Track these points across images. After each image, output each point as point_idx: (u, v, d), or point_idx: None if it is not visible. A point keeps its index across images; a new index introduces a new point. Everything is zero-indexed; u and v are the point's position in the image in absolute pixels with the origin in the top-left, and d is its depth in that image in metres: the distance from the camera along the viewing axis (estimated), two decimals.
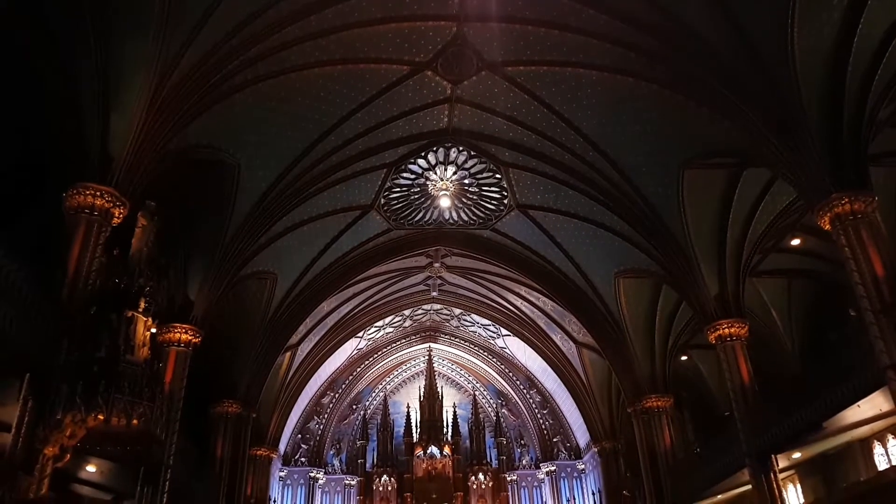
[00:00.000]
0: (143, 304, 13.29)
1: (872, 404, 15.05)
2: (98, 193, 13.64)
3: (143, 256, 14.02)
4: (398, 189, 23.47)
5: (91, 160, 13.80)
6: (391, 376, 35.40)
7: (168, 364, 17.96)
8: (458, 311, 32.41)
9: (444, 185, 23.39)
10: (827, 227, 14.83)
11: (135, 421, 12.33)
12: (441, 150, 21.99)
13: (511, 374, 34.37)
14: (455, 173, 23.01)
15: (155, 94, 14.27)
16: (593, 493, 29.84)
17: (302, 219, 21.79)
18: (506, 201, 23.92)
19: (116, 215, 14.18)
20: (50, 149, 14.82)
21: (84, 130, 13.84)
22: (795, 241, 21.59)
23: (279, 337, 24.60)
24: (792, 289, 23.58)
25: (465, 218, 25.18)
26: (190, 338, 18.88)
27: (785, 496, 18.50)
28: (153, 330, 14.02)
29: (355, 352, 33.12)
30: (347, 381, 33.98)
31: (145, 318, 13.31)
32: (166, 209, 15.29)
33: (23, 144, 14.80)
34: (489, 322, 31.86)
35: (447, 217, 25.19)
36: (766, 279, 23.32)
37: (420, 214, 24.95)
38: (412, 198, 24.05)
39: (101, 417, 11.96)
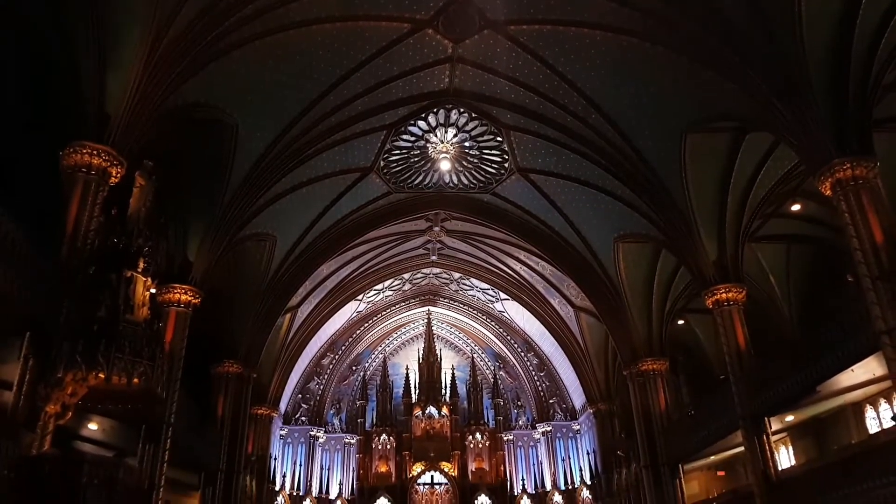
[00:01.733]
0: (142, 264, 13.31)
1: (866, 369, 15.24)
2: (95, 152, 13.55)
3: (141, 216, 14.00)
4: (398, 151, 23.30)
5: (88, 119, 13.67)
6: (390, 339, 35.68)
7: (168, 324, 18.08)
8: (457, 275, 32.50)
9: (444, 148, 23.21)
10: (828, 192, 14.80)
11: (135, 380, 12.45)
12: (441, 111, 21.77)
13: (509, 337, 34.64)
14: (455, 136, 22.82)
15: (151, 50, 14.06)
16: (588, 453, 30.37)
17: (301, 180, 21.68)
18: (506, 165, 23.77)
19: (114, 174, 14.10)
20: (48, 108, 14.65)
21: (81, 89, 13.68)
22: (796, 207, 21.54)
23: (279, 299, 24.70)
24: (790, 254, 23.60)
25: (466, 181, 25.06)
26: (190, 298, 18.96)
27: (777, 458, 18.80)
28: (153, 290, 14.07)
29: (355, 314, 33.31)
30: (347, 343, 34.26)
31: (144, 278, 13.34)
32: (164, 170, 15.21)
33: (20, 104, 14.62)
34: (488, 286, 31.97)
35: (447, 180, 25.07)
36: (765, 244, 23.32)
37: (420, 178, 24.81)
38: (412, 160, 23.89)
39: (101, 376, 12.08)
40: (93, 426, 15.97)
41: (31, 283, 11.43)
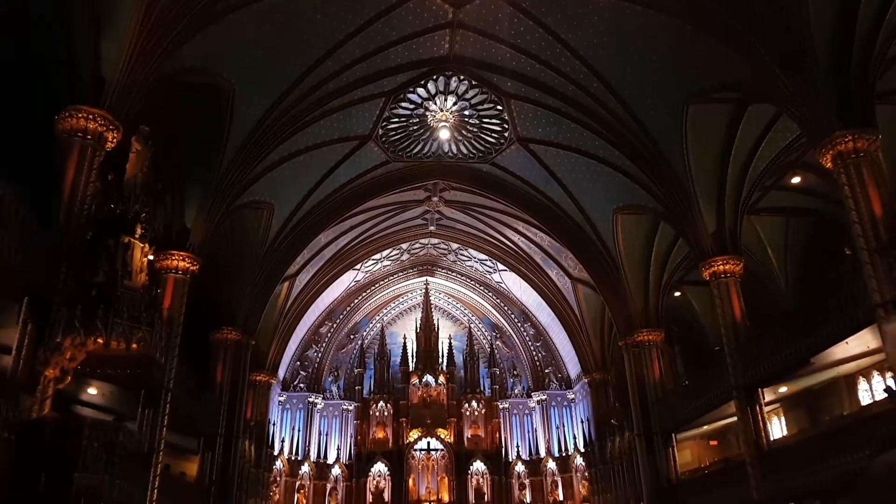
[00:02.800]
0: (139, 230, 13.30)
1: (860, 341, 15.35)
2: (90, 116, 13.44)
3: (138, 182, 13.93)
4: (397, 119, 23.09)
5: (83, 82, 13.52)
6: (388, 308, 35.81)
7: (166, 291, 18.12)
8: (455, 246, 32.49)
9: (443, 117, 23.00)
10: (829, 165, 14.76)
11: (134, 345, 12.52)
12: (441, 78, 21.51)
13: (506, 307, 34.79)
14: (455, 104, 22.59)
15: (147, 13, 13.83)
16: (582, 422, 30.74)
17: (299, 148, 21.51)
18: (506, 134, 23.60)
19: (110, 139, 13.99)
20: (43, 73, 14.45)
21: (75, 52, 13.49)
22: (796, 180, 21.47)
23: (277, 267, 24.72)
24: (789, 227, 23.60)
25: (465, 151, 24.90)
26: (188, 265, 18.96)
27: (769, 428, 19.05)
28: (150, 257, 14.09)
29: (353, 284, 33.36)
30: (345, 312, 34.39)
31: (142, 245, 13.34)
32: (161, 136, 15.10)
33: (16, 69, 14.41)
34: (486, 257, 31.99)
35: (446, 150, 24.90)
36: (764, 217, 23.30)
37: (419, 147, 24.64)
38: (411, 129, 23.70)
39: (100, 341, 12.14)
40: (92, 391, 16.08)
41: (29, 248, 11.43)
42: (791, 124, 17.35)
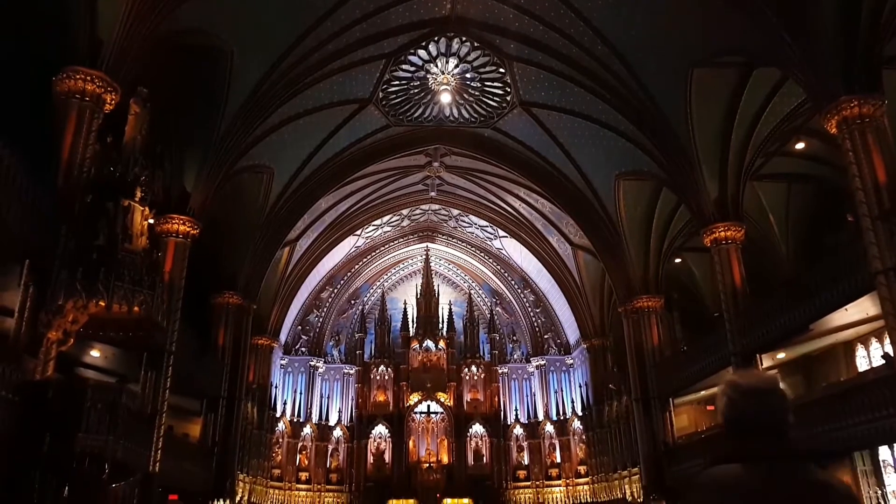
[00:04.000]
0: (139, 194, 13.25)
1: (860, 308, 15.41)
2: (88, 78, 13.31)
3: (137, 145, 13.83)
4: (397, 82, 22.81)
5: (80, 43, 13.33)
6: (389, 274, 35.85)
7: (167, 254, 18.13)
8: (456, 212, 32.38)
9: (444, 80, 22.71)
10: (833, 130, 14.64)
11: (136, 308, 12.58)
12: (443, 40, 21.18)
13: (506, 274, 34.83)
14: (457, 66, 22.28)
15: None
16: (580, 386, 31.04)
17: (298, 111, 21.30)
18: (508, 98, 23.32)
19: (108, 101, 13.88)
20: (40, 34, 14.23)
21: (72, 12, 13.26)
22: (800, 145, 21.29)
23: (277, 232, 24.70)
24: (791, 194, 23.48)
25: (466, 115, 24.65)
26: (188, 229, 18.95)
27: None
28: (150, 220, 14.07)
29: (353, 249, 33.36)
30: (346, 278, 34.45)
31: (142, 208, 13.31)
32: (160, 98, 14.93)
33: (13, 31, 14.19)
34: (487, 223, 31.91)
35: (447, 114, 24.65)
36: (767, 183, 23.16)
37: (419, 110, 24.39)
38: (412, 92, 23.43)
39: (102, 304, 12.19)
40: (95, 353, 16.23)
41: (29, 211, 11.41)
42: (796, 89, 17.14)
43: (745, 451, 2.22)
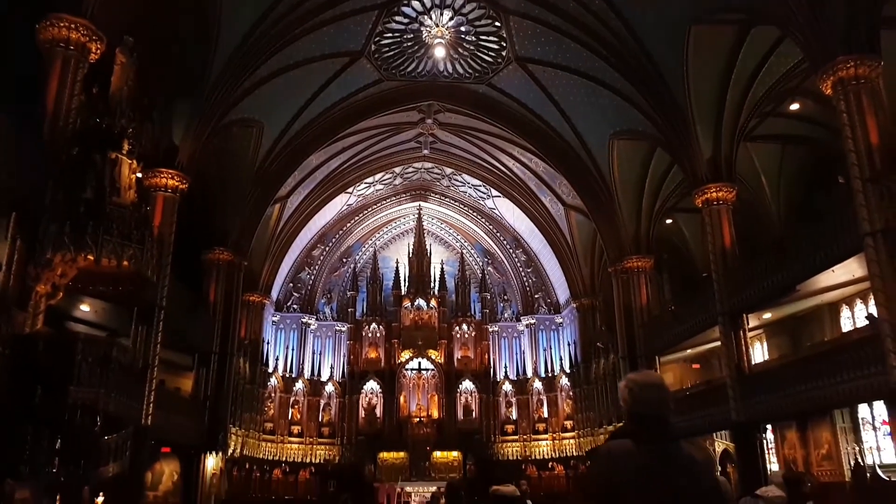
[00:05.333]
0: (126, 146, 13.06)
1: (846, 269, 15.58)
2: (72, 26, 13.03)
3: (123, 96, 13.57)
4: (390, 35, 22.35)
5: None
6: (381, 233, 35.75)
7: (156, 209, 17.99)
8: (449, 171, 32.16)
9: (439, 32, 22.27)
10: (829, 91, 14.58)
11: (125, 262, 12.52)
12: None
13: (498, 234, 34.82)
14: (451, 19, 21.82)
15: None
16: (569, 344, 31.41)
17: (288, 63, 20.86)
18: (504, 53, 22.94)
19: (93, 50, 13.61)
20: None
21: None
22: (794, 106, 21.16)
23: (268, 188, 24.50)
24: (784, 155, 23.43)
25: (461, 70, 24.27)
26: (177, 183, 18.78)
27: (751, 352, 19.55)
28: (139, 174, 13.90)
29: (345, 207, 33.17)
30: (337, 236, 34.33)
31: (130, 161, 13.14)
32: (147, 49, 14.59)
33: None
34: (480, 182, 31.74)
35: (441, 68, 24.25)
36: (760, 144, 23.08)
37: (413, 65, 23.98)
38: (405, 45, 22.99)
39: (90, 258, 12.12)
40: (85, 308, 16.24)
41: (15, 163, 11.26)
42: (793, 49, 16.97)
43: (637, 431, 2.82)
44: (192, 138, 18.97)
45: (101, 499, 14.08)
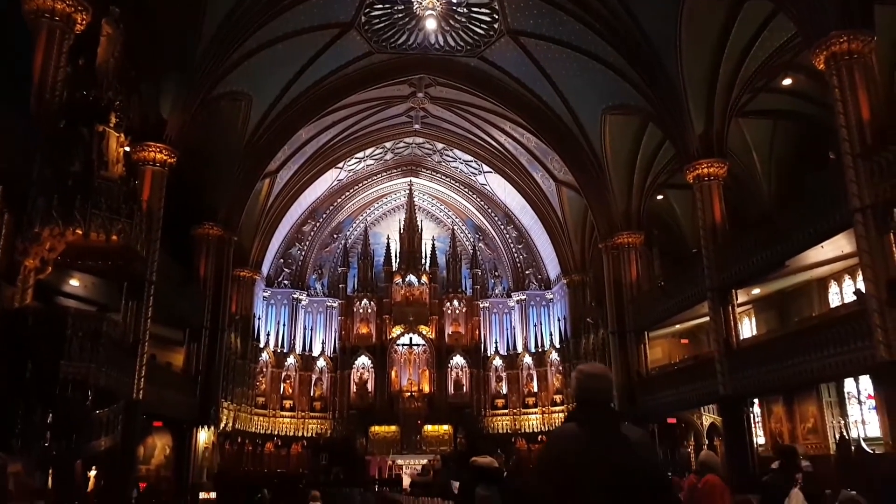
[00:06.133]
0: (113, 119, 12.94)
1: (835, 246, 15.69)
2: None
3: (110, 68, 13.40)
4: (381, 6, 22.01)
5: None
6: (371, 208, 35.61)
7: (144, 183, 17.82)
8: (440, 146, 31.97)
9: (430, 4, 21.95)
10: (821, 66, 14.55)
11: (114, 236, 12.45)
12: None
13: (490, 210, 34.78)
14: None
15: None
16: (559, 320, 31.61)
17: (277, 35, 20.52)
18: (496, 26, 22.66)
19: (79, 21, 13.41)
20: None
21: None
22: (787, 81, 21.11)
23: (257, 162, 24.28)
24: (776, 131, 23.42)
25: (452, 43, 23.99)
26: (165, 157, 18.59)
27: (739, 328, 19.74)
28: (126, 147, 13.78)
29: (336, 183, 32.97)
30: (328, 212, 34.18)
31: (117, 134, 13.01)
32: (133, 19, 14.34)
33: None
34: (471, 158, 31.60)
35: (433, 41, 23.97)
36: (752, 120, 23.06)
37: (404, 37, 23.68)
38: (396, 17, 22.67)
39: (79, 232, 12.04)
40: (74, 283, 16.14)
41: (2, 136, 11.09)
42: (786, 23, 16.88)
43: (581, 416, 3.20)
44: (180, 111, 18.73)
45: (93, 472, 14.15)
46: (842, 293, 19.66)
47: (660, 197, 27.49)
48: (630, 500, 2.94)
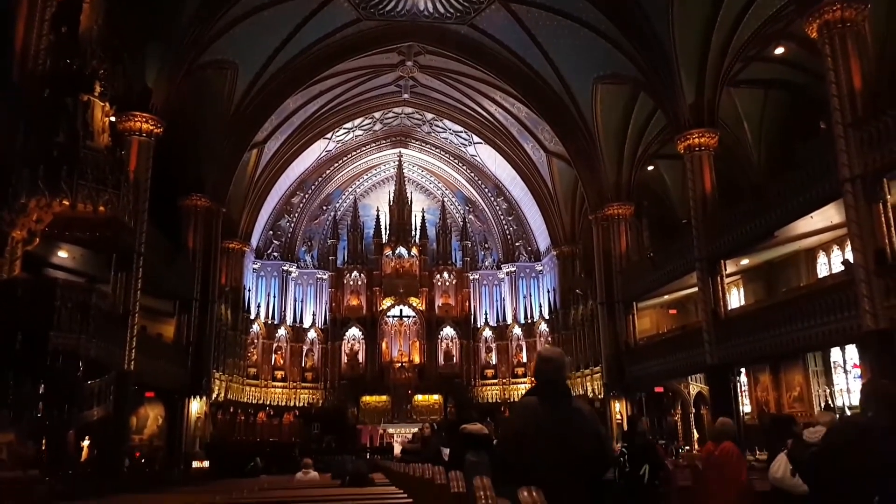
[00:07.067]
0: (98, 88, 12.70)
1: (824, 216, 15.78)
2: None
3: (93, 36, 13.14)
4: None
5: None
6: (361, 180, 35.37)
7: (131, 153, 17.60)
8: (429, 116, 31.69)
9: None
10: (814, 34, 14.49)
11: (101, 207, 12.29)
12: None
13: (480, 181, 34.66)
14: None
15: None
16: (548, 291, 31.78)
17: (262, 1, 20.14)
18: None
19: None
20: None
21: None
22: (779, 50, 21.00)
23: (244, 132, 23.99)
24: (767, 101, 23.35)
25: (442, 10, 23.61)
26: (151, 127, 18.34)
27: (728, 298, 19.91)
28: (112, 118, 13.59)
29: (324, 154, 32.66)
30: (317, 183, 33.92)
31: (102, 103, 12.79)
32: None
33: None
34: (461, 129, 31.37)
35: (422, 7, 23.57)
36: (744, 90, 22.96)
37: (392, 3, 23.25)
38: None
39: (66, 203, 11.89)
40: (63, 254, 16.01)
41: None
42: None
43: (539, 391, 3.81)
44: (165, 81, 18.43)
45: (87, 442, 14.21)
46: (830, 264, 19.85)
47: (650, 168, 27.48)
48: (577, 461, 3.55)
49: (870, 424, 3.86)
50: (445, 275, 32.69)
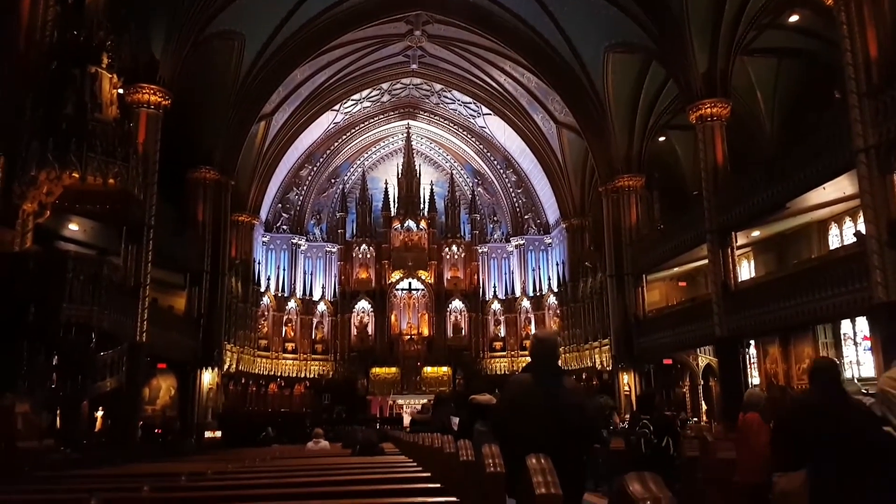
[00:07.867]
0: (105, 60, 12.65)
1: (837, 187, 15.59)
2: None
3: (100, 7, 13.04)
4: None
5: None
6: (369, 152, 35.22)
7: (139, 126, 17.59)
8: (438, 87, 31.39)
9: None
10: (829, 1, 14.10)
11: (111, 180, 12.32)
12: None
13: (489, 154, 34.42)
14: None
15: None
16: (557, 264, 31.75)
17: None
18: None
19: None
20: None
21: None
22: (794, 18, 20.57)
23: (252, 104, 23.87)
24: (780, 69, 22.94)
25: None
26: (159, 99, 18.29)
27: (738, 270, 19.82)
28: (120, 89, 13.53)
29: (332, 126, 32.49)
30: (325, 155, 33.80)
31: (110, 75, 12.75)
32: None
33: None
34: (470, 100, 31.07)
35: None
36: (757, 59, 22.55)
37: None
38: None
39: (75, 175, 11.91)
40: (73, 227, 16.12)
41: None
42: None
43: (534, 368, 4.27)
44: (172, 52, 18.32)
45: (100, 412, 14.44)
46: (842, 235, 19.66)
47: (661, 138, 27.15)
48: (562, 433, 3.89)
49: (805, 401, 4.47)
50: (454, 248, 32.69)
